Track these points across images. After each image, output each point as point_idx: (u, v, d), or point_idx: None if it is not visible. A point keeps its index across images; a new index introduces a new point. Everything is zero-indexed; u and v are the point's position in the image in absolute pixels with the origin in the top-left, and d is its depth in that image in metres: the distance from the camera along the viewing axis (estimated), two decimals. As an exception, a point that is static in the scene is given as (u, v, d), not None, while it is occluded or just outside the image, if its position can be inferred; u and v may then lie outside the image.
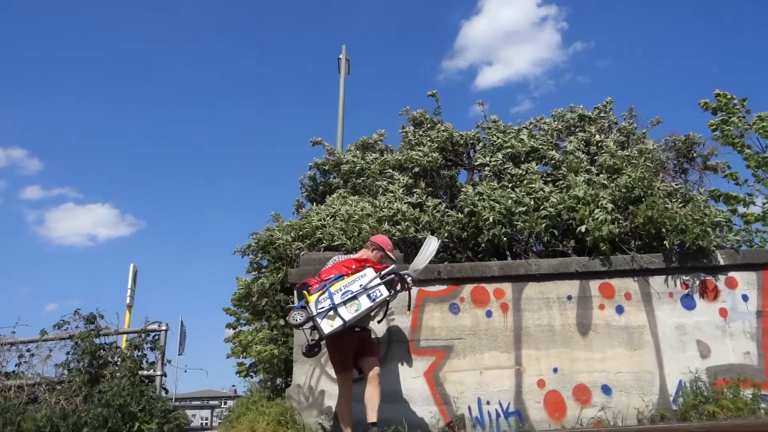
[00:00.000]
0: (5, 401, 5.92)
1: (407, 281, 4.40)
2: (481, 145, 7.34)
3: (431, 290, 5.38)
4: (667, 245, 5.41)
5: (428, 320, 5.29)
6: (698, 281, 5.44)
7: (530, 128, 7.37)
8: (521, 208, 5.71)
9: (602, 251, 5.42)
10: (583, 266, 5.43)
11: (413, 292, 4.78)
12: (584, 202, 5.62)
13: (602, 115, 7.58)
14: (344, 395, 4.36)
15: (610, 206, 5.56)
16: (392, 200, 6.18)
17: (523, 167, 6.41)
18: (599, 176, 6.07)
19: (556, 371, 5.14)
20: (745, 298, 5.40)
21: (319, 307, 4.00)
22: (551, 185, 6.19)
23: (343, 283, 4.13)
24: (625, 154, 6.38)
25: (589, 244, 5.52)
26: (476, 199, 5.93)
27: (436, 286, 5.40)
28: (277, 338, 6.10)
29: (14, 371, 6.49)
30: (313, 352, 4.28)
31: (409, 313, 4.79)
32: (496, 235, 5.65)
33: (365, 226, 5.72)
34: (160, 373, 6.21)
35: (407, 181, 6.69)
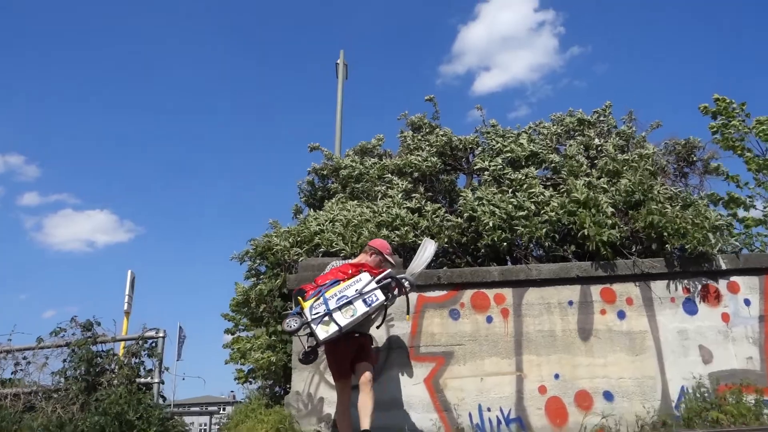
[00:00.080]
0: (1, 410, 5.85)
1: (404, 285, 4.34)
2: (480, 149, 7.32)
3: (431, 296, 5.34)
4: (668, 249, 5.38)
5: (428, 326, 5.24)
6: (700, 286, 5.40)
7: (529, 132, 7.35)
8: (521, 212, 5.67)
9: (603, 256, 5.38)
10: (584, 271, 5.39)
11: (412, 296, 4.74)
12: (585, 206, 5.59)
13: (601, 119, 7.56)
14: (342, 402, 4.30)
15: (610, 210, 5.53)
16: (391, 205, 6.14)
17: (522, 172, 6.38)
18: (599, 180, 6.04)
19: (557, 377, 5.10)
20: (747, 302, 5.37)
21: (313, 312, 3.94)
22: (551, 189, 6.16)
23: (338, 288, 4.07)
24: (624, 158, 6.36)
25: (589, 248, 5.48)
26: (476, 203, 5.90)
27: (435, 291, 5.36)
28: (275, 345, 6.06)
29: (10, 379, 6.43)
30: (309, 359, 4.22)
31: (408, 317, 4.74)
32: (496, 240, 5.62)
33: (364, 231, 5.69)
34: (157, 380, 6.14)
35: (406, 185, 6.66)
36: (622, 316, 5.29)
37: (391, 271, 4.33)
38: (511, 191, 6.15)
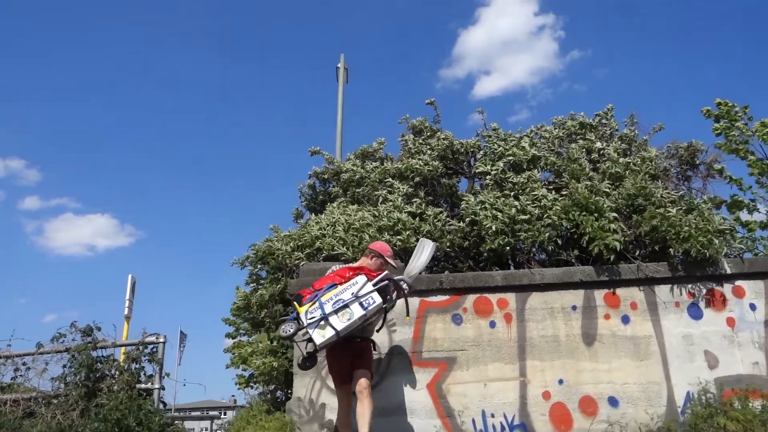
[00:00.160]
0: (0, 416, 5.82)
1: (402, 287, 4.28)
2: (481, 153, 7.29)
3: (433, 300, 5.30)
4: (672, 253, 5.34)
5: (430, 331, 5.20)
6: (705, 290, 5.35)
7: (531, 136, 7.31)
8: (524, 216, 5.63)
9: (607, 260, 5.34)
10: (587, 275, 5.35)
11: (413, 300, 4.69)
12: (588, 210, 5.55)
13: (603, 122, 7.53)
14: (344, 408, 4.26)
15: (613, 215, 5.49)
16: (392, 209, 6.11)
17: (524, 175, 6.34)
18: (602, 183, 6.01)
19: (561, 383, 5.05)
20: (752, 307, 5.32)
21: (309, 317, 3.89)
22: (554, 193, 6.12)
23: (334, 292, 4.00)
24: (627, 161, 6.32)
25: (593, 253, 5.44)
26: (478, 207, 5.86)
27: (438, 296, 5.32)
28: (276, 350, 6.03)
29: (10, 385, 6.40)
30: (307, 365, 4.14)
31: (408, 318, 4.68)
32: (499, 244, 5.57)
33: (365, 235, 5.65)
34: (158, 386, 6.11)
35: (407, 189, 6.62)
36: (626, 320, 5.25)
37: (388, 273, 4.26)
38: (513, 195, 6.11)
